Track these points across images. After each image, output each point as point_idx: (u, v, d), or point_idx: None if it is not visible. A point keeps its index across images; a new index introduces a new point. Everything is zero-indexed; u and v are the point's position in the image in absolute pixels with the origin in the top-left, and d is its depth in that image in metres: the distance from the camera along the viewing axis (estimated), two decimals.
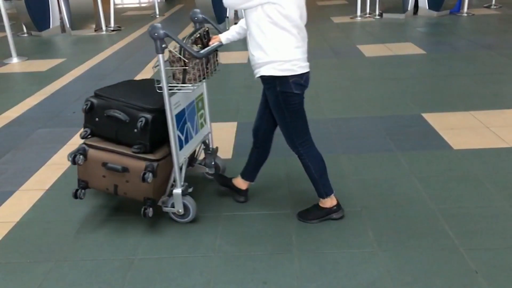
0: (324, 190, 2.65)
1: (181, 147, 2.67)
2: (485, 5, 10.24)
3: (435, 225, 2.58)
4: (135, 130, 2.52)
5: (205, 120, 3.08)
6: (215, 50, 2.72)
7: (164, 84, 2.44)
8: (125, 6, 14.74)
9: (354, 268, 2.28)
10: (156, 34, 2.37)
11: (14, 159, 3.69)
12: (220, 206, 2.89)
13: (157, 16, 11.62)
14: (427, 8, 9.44)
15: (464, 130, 3.83)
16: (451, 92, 4.80)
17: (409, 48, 6.79)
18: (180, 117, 2.66)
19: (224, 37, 2.66)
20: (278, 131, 2.68)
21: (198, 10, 2.79)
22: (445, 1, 9.22)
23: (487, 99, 4.54)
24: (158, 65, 2.45)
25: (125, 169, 2.57)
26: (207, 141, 3.13)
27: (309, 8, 11.25)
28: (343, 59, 6.42)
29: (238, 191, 2.92)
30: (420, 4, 9.52)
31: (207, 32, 2.70)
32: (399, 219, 2.66)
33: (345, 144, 3.69)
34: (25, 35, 9.65)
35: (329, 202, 2.67)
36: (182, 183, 2.66)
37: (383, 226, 2.60)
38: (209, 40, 2.69)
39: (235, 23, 2.70)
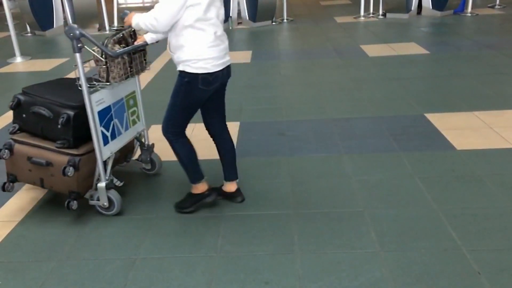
0: (194, 176, 2.79)
1: (106, 142, 2.78)
2: (489, 5, 10.20)
3: (438, 226, 2.57)
4: (59, 126, 2.64)
5: (138, 117, 3.17)
6: (142, 50, 2.89)
7: (82, 82, 2.55)
8: (128, 5, 14.75)
9: (356, 268, 2.28)
10: (72, 34, 2.49)
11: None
12: (222, 206, 2.89)
13: None
14: (431, 8, 9.41)
15: (467, 130, 3.82)
16: (454, 92, 4.79)
17: (413, 48, 6.77)
18: (105, 114, 2.77)
19: (149, 36, 2.79)
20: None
21: (128, 11, 2.91)
22: (449, 1, 9.20)
23: (491, 99, 4.52)
24: (76, 64, 2.57)
25: (49, 163, 2.70)
26: (143, 139, 3.25)
27: (313, 8, 11.19)
28: (346, 59, 6.41)
29: (231, 195, 2.94)
30: (423, 4, 9.50)
31: (134, 32, 2.80)
32: (401, 220, 2.65)
33: (348, 144, 3.68)
34: (29, 34, 9.68)
35: (200, 187, 2.81)
36: (107, 177, 2.77)
37: (385, 227, 2.59)
38: (135, 40, 2.82)
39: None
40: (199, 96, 2.59)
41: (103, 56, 2.64)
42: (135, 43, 2.80)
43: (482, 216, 2.64)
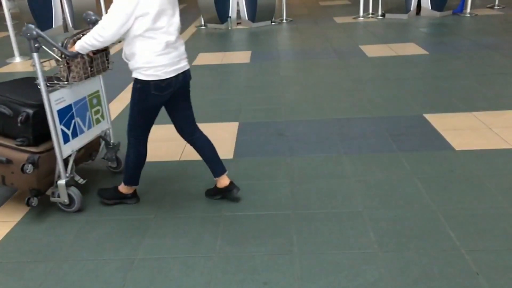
0: (130, 180, 2.88)
1: (67, 141, 2.84)
2: (488, 6, 10.21)
3: (437, 226, 2.57)
4: (18, 124, 2.69)
5: (103, 116, 3.22)
6: (104, 50, 2.97)
7: (40, 81, 2.60)
8: None
9: (355, 269, 2.28)
10: (29, 34, 2.54)
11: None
12: (221, 207, 2.89)
13: None
14: (430, 8, 9.42)
15: (467, 131, 3.82)
16: (453, 92, 4.79)
17: (412, 49, 6.78)
18: (65, 113, 2.82)
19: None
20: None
21: (91, 12, 3.02)
22: (448, 1, 9.20)
23: (490, 100, 4.52)
24: (34, 64, 2.62)
25: (9, 161, 2.73)
26: (108, 137, 3.31)
27: (312, 8, 11.20)
28: (345, 59, 6.41)
29: (226, 189, 2.93)
30: (423, 4, 9.50)
31: None
32: (400, 220, 2.65)
33: (347, 145, 3.68)
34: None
35: (127, 189, 2.93)
36: (67, 174, 2.82)
37: (384, 227, 2.59)
38: None
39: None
40: (153, 101, 2.64)
41: (62, 56, 2.70)
42: None
43: (481, 217, 2.64)
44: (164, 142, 3.91)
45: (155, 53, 2.51)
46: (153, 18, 2.44)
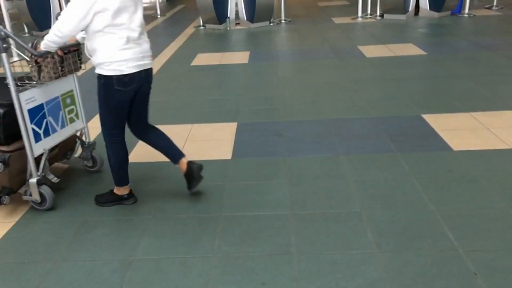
0: (119, 180, 2.90)
1: (38, 140, 2.87)
2: (486, 6, 10.22)
3: (435, 227, 2.58)
4: None
5: (77, 115, 3.26)
6: (76, 50, 3.02)
7: (9, 80, 2.65)
8: None
9: (353, 269, 2.28)
10: None
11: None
12: (219, 207, 2.89)
13: (158, 16, 11.63)
14: (428, 9, 9.42)
15: (465, 131, 3.82)
16: (451, 93, 4.79)
17: (410, 49, 6.78)
18: (37, 112, 2.86)
19: (79, 36, 2.86)
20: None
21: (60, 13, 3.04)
22: (446, 2, 9.21)
23: (488, 100, 4.53)
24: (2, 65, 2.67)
25: None
26: (84, 137, 3.36)
27: (310, 8, 11.19)
28: (343, 60, 6.41)
29: (189, 170, 2.92)
30: (421, 5, 9.51)
31: None
32: (398, 221, 2.65)
33: (345, 145, 3.68)
34: (26, 35, 9.68)
35: (121, 190, 2.94)
36: (38, 173, 2.86)
37: (382, 227, 2.59)
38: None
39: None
40: (118, 97, 2.65)
41: (32, 56, 2.73)
42: (68, 42, 2.92)
43: (479, 217, 2.64)
44: None
45: (117, 48, 2.53)
46: (113, 14, 2.46)
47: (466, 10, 9.43)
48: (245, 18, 9.40)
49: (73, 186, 3.26)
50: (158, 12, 11.71)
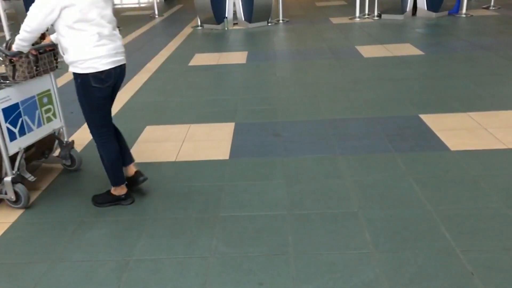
0: (114, 179, 2.90)
1: (13, 138, 2.90)
2: (483, 6, 10.24)
3: (432, 227, 2.58)
4: None
5: (54, 114, 3.28)
6: (52, 50, 3.04)
7: None
8: (124, 6, 14.73)
9: (350, 269, 2.28)
10: None
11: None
12: (217, 207, 2.89)
13: (156, 16, 11.61)
14: (426, 9, 9.43)
15: (462, 131, 3.83)
16: (449, 93, 4.80)
17: (408, 49, 6.79)
18: (11, 111, 2.89)
19: (53, 37, 2.89)
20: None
21: None
22: (444, 2, 9.22)
23: (485, 100, 4.53)
24: None
25: None
26: (62, 136, 3.38)
27: (308, 8, 11.18)
28: (341, 60, 6.42)
29: (133, 177, 3.02)
30: (418, 5, 9.52)
31: (43, 32, 2.87)
32: (395, 220, 2.65)
33: (343, 145, 3.68)
34: None
35: (118, 190, 2.93)
36: (13, 171, 2.89)
37: (379, 227, 2.60)
38: (43, 40, 2.99)
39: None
40: (98, 94, 2.67)
41: (5, 55, 2.74)
42: (43, 43, 3.01)
43: (476, 217, 2.65)
44: (160, 143, 3.91)
45: (90, 46, 2.54)
46: (81, 10, 2.47)
47: (464, 10, 9.45)
48: (243, 18, 9.39)
49: (69, 186, 3.25)
50: (156, 12, 11.70)
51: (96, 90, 2.64)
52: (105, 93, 2.69)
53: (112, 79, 2.67)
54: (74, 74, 2.63)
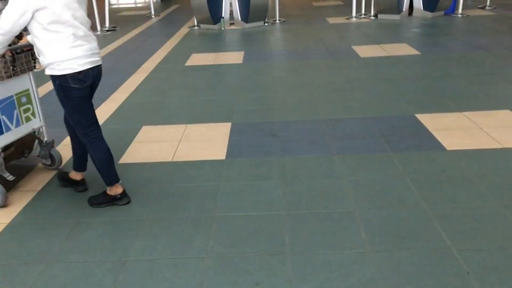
0: (108, 179, 2.90)
1: None
2: (479, 6, 10.27)
3: (428, 226, 2.58)
4: None
5: (33, 114, 3.30)
6: (29, 50, 3.06)
7: None
8: (120, 6, 14.70)
9: (346, 269, 2.28)
10: None
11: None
12: (213, 207, 2.88)
13: (153, 16, 11.59)
14: (422, 9, 9.46)
15: (458, 131, 3.84)
16: (445, 93, 4.81)
17: (404, 49, 6.81)
18: None
19: (30, 37, 2.86)
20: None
21: None
22: (440, 2, 9.25)
23: (481, 100, 4.55)
24: None
25: None
26: (41, 136, 3.39)
27: (305, 8, 11.19)
28: (338, 60, 6.42)
29: (75, 182, 3.13)
30: (415, 5, 9.54)
31: (20, 33, 2.91)
32: (392, 220, 2.66)
33: (339, 145, 3.69)
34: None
35: (114, 190, 2.92)
36: None
37: (376, 227, 2.60)
38: (20, 40, 3.01)
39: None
40: (78, 94, 2.68)
41: None
42: (20, 43, 2.99)
43: (471, 216, 2.66)
44: (157, 143, 3.90)
45: (66, 47, 2.56)
46: (54, 12, 2.48)
47: (460, 10, 9.48)
48: (240, 18, 9.39)
49: (65, 187, 3.24)
50: (152, 12, 11.68)
51: (75, 91, 2.65)
52: (84, 92, 2.71)
53: (90, 80, 2.69)
54: (52, 76, 2.64)
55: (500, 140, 3.61)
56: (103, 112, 4.72)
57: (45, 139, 3.41)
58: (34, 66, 3.18)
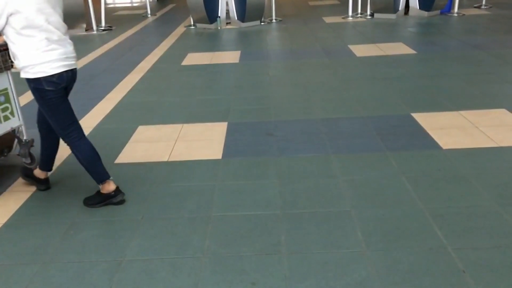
0: (97, 177, 2.90)
1: None
2: (475, 5, 10.30)
3: (424, 225, 2.59)
4: None
5: (12, 113, 3.31)
6: (6, 49, 3.06)
7: None
8: (116, 5, 14.66)
9: (342, 268, 2.28)
10: None
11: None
12: (209, 207, 2.88)
13: (149, 15, 11.57)
14: (418, 8, 9.48)
15: (454, 130, 3.85)
16: (441, 92, 4.82)
17: (400, 48, 6.82)
18: None
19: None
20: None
21: None
22: (436, 1, 9.27)
23: (477, 99, 4.56)
24: None
25: None
26: (21, 135, 3.41)
27: (301, 8, 11.19)
28: (334, 59, 6.43)
29: (38, 180, 3.16)
30: (411, 4, 9.56)
31: None
32: (388, 219, 2.66)
33: (335, 144, 3.69)
34: None
35: (107, 187, 2.92)
36: None
37: (372, 226, 2.60)
38: None
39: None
40: (53, 96, 2.70)
41: None
42: None
43: (467, 215, 2.66)
44: (152, 143, 3.89)
45: (39, 50, 2.58)
46: (27, 17, 2.51)
47: (455, 10, 9.50)
48: (236, 18, 9.38)
49: (61, 187, 3.23)
50: (149, 11, 11.65)
51: (50, 93, 2.67)
52: (60, 93, 2.72)
53: (64, 82, 2.70)
54: (27, 80, 2.65)
55: (496, 139, 3.62)
56: (99, 111, 4.71)
57: (25, 138, 3.41)
58: (12, 66, 3.18)
